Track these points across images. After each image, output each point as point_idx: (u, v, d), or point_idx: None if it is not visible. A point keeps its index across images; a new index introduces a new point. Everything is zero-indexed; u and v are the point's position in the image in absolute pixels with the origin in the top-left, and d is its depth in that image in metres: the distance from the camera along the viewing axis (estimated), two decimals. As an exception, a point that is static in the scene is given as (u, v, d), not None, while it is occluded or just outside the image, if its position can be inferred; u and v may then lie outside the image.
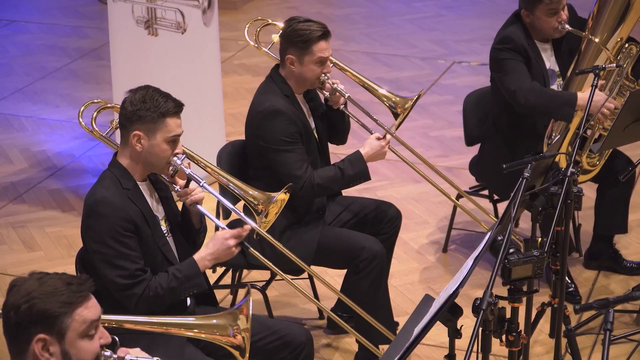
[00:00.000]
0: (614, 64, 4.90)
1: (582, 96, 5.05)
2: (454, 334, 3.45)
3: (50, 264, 5.77)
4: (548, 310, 4.70)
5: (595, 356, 4.91)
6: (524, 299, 3.76)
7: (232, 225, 4.22)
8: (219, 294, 5.22)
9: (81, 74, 8.69)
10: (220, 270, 5.02)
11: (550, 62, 5.36)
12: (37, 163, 7.04)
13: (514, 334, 3.62)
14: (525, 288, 3.64)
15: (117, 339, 2.93)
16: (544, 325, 5.04)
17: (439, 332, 4.98)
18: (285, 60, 4.69)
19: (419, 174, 5.05)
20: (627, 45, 5.14)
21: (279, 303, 5.38)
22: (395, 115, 4.90)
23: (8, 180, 6.79)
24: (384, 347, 4.46)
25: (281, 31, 4.75)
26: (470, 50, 9.14)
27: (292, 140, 4.60)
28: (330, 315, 4.45)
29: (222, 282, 5.06)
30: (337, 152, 5.54)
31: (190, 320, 3.44)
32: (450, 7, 10.40)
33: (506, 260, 3.51)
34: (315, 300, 5.12)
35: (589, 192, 5.60)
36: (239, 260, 4.70)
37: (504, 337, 3.64)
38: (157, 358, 2.99)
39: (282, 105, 4.61)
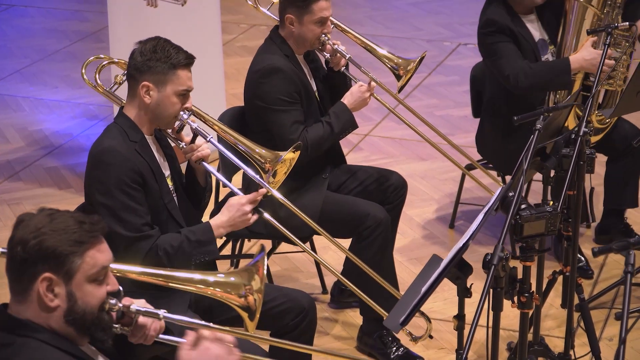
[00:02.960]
0: (627, 23, 4.71)
1: (575, 58, 4.93)
2: (464, 292, 3.32)
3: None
4: (559, 285, 4.55)
5: (608, 330, 4.76)
6: (536, 259, 3.61)
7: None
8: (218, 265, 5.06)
9: (80, 56, 8.53)
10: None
11: (539, 32, 5.21)
12: (34, 142, 6.91)
13: (527, 294, 3.47)
14: (537, 246, 3.49)
15: (121, 288, 2.75)
16: (555, 299, 4.89)
17: (447, 305, 4.88)
18: (284, 20, 4.55)
19: (425, 149, 4.92)
20: None
21: (281, 278, 5.24)
22: (398, 77, 4.77)
23: (4, 159, 6.66)
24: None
25: None
26: (475, 33, 8.94)
27: (291, 100, 4.46)
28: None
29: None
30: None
31: (199, 275, 3.15)
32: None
33: (518, 216, 3.36)
34: (319, 272, 4.99)
35: (599, 169, 5.44)
36: (240, 230, 4.56)
37: (515, 299, 3.49)
38: (163, 310, 2.82)
39: (281, 63, 4.48)
